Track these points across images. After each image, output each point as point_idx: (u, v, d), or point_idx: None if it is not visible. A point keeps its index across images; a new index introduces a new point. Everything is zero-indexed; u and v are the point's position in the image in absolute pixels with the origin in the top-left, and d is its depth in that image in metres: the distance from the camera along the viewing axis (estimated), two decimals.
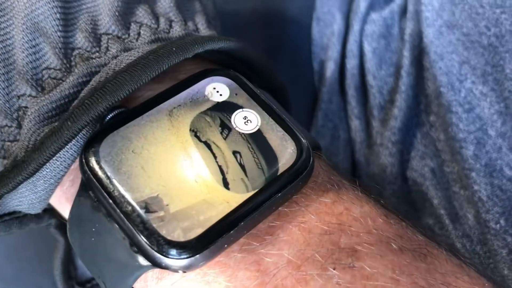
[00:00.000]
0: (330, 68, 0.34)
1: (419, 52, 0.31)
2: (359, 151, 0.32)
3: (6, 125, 0.22)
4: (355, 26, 0.34)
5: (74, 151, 0.21)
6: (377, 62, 0.32)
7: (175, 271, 0.18)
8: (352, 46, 0.33)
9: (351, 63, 0.33)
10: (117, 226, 0.18)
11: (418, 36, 0.31)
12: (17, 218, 0.24)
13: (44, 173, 0.21)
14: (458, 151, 0.27)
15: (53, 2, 0.23)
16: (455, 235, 0.27)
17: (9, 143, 0.22)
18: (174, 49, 0.20)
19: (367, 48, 0.32)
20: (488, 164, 0.26)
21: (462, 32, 0.29)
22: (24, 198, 0.21)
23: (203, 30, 0.25)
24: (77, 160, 0.21)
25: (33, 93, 0.22)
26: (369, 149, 0.31)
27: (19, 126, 0.22)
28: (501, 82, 0.27)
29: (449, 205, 0.27)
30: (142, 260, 0.18)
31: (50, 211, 0.25)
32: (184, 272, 0.18)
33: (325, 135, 0.33)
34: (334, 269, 0.18)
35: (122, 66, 0.21)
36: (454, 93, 0.28)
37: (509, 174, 0.26)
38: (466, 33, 0.28)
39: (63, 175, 0.21)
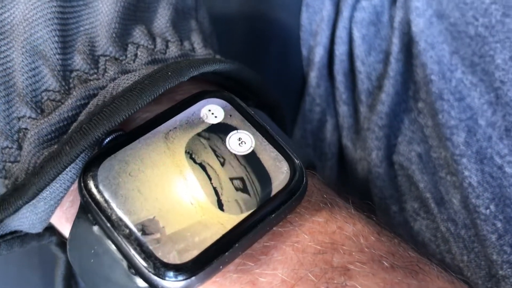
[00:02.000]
0: (319, 54, 0.34)
1: (409, 40, 0.31)
2: (346, 136, 0.32)
3: (7, 147, 0.22)
4: (345, 13, 0.34)
5: (74, 174, 0.21)
6: (366, 49, 0.32)
7: None
8: (341, 32, 0.33)
9: (340, 49, 0.33)
10: (115, 248, 0.19)
11: (408, 24, 0.31)
12: (18, 237, 0.24)
13: (44, 195, 0.21)
14: (449, 137, 0.27)
15: (52, 25, 0.23)
16: (440, 218, 0.27)
17: (10, 164, 0.22)
18: (169, 73, 0.21)
19: (357, 35, 0.33)
20: (479, 152, 0.26)
21: (450, 22, 0.29)
22: (25, 219, 0.22)
23: (199, 49, 0.26)
24: (76, 182, 0.21)
25: (33, 115, 0.22)
26: (357, 134, 0.32)
27: (20, 147, 0.22)
28: (490, 72, 0.27)
29: (435, 189, 0.28)
30: (140, 282, 0.18)
31: (51, 229, 0.26)
32: None
33: (312, 119, 0.33)
34: None
35: (119, 90, 0.21)
36: (445, 81, 0.28)
37: (499, 163, 0.26)
38: (453, 23, 0.29)
39: (62, 197, 0.22)
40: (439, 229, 0.27)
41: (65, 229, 0.23)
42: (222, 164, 0.20)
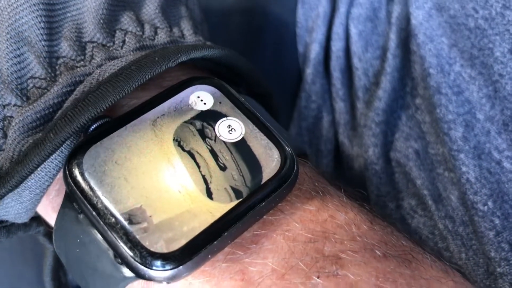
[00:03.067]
0: (315, 50, 0.34)
1: (406, 36, 0.31)
2: (343, 133, 0.32)
3: None
4: (341, 9, 0.34)
5: (59, 162, 0.21)
6: (363, 45, 0.32)
7: (159, 282, 0.18)
8: (338, 28, 0.33)
9: (337, 46, 0.33)
10: (101, 237, 0.18)
11: (405, 19, 0.31)
12: (4, 227, 0.24)
13: (29, 184, 0.21)
14: (446, 132, 0.27)
15: (38, 11, 0.23)
16: (438, 216, 0.27)
17: None
18: (157, 58, 0.20)
19: (353, 31, 0.32)
20: (477, 147, 0.26)
21: (449, 14, 0.29)
22: (10, 209, 0.21)
23: (189, 36, 0.25)
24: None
25: (18, 103, 0.22)
26: (353, 131, 0.31)
27: (5, 136, 0.22)
28: (489, 65, 0.27)
29: (432, 186, 0.27)
30: (126, 272, 0.18)
31: (38, 219, 0.25)
32: (168, 283, 0.18)
33: (307, 116, 0.33)
34: (318, 278, 0.18)
35: (105, 76, 0.21)
36: (443, 75, 0.28)
37: (498, 158, 0.26)
38: (453, 15, 0.28)
39: (48, 185, 0.21)
40: (436, 226, 0.27)
41: (52, 219, 0.23)
42: (211, 152, 0.20)
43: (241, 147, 0.20)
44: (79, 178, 0.19)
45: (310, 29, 0.35)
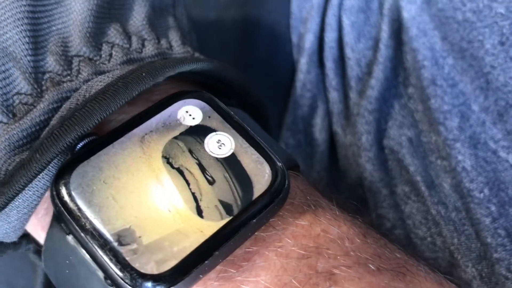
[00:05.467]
0: (309, 40, 0.34)
1: (398, 26, 0.31)
2: (336, 122, 0.32)
3: None
4: (334, 0, 0.34)
5: (47, 181, 0.20)
6: (356, 36, 0.32)
7: None
8: (330, 19, 0.33)
9: (330, 36, 0.33)
10: (90, 258, 0.18)
11: (397, 10, 0.31)
12: None
13: (16, 203, 0.20)
14: (442, 122, 0.27)
15: (22, 25, 0.22)
16: (431, 201, 0.27)
17: None
18: (143, 74, 0.20)
19: (346, 22, 0.32)
20: (473, 137, 0.26)
21: (438, 8, 0.29)
22: None
23: (177, 47, 0.25)
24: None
25: (4, 120, 0.21)
26: (347, 120, 0.31)
27: None
28: (480, 57, 0.27)
29: (425, 173, 0.28)
30: None
31: (27, 236, 0.25)
32: None
33: (303, 105, 0.33)
34: None
35: (92, 92, 0.20)
36: (438, 68, 0.28)
37: (493, 147, 0.26)
38: (441, 9, 0.28)
39: (36, 205, 0.21)
40: (429, 212, 0.27)
41: (41, 238, 0.23)
42: (201, 168, 0.20)
43: (231, 162, 0.20)
44: (66, 198, 0.18)
45: (304, 19, 0.35)
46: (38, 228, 0.22)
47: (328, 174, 0.32)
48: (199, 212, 0.19)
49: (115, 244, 0.18)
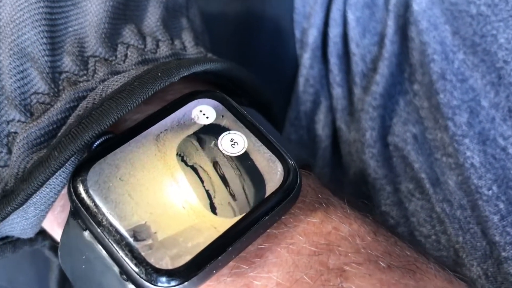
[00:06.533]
0: (313, 35, 0.34)
1: (404, 22, 0.31)
2: (340, 118, 0.32)
3: None
4: None
5: (63, 178, 0.21)
6: (361, 31, 0.32)
7: None
8: (335, 14, 0.33)
9: (334, 32, 0.33)
10: (106, 254, 0.19)
11: (404, 6, 0.31)
12: (10, 242, 0.24)
13: (34, 200, 0.21)
14: (451, 117, 0.27)
15: (40, 26, 0.23)
16: (436, 199, 0.27)
17: (0, 168, 0.22)
18: (159, 74, 0.20)
19: (351, 17, 0.32)
20: (482, 133, 0.26)
21: (450, 2, 0.29)
22: (15, 225, 0.21)
23: (190, 48, 0.25)
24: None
25: (22, 119, 0.22)
26: (351, 116, 0.31)
27: (9, 152, 0.22)
28: (492, 52, 0.27)
29: (430, 170, 0.27)
30: None
31: (43, 233, 0.25)
32: None
33: (306, 100, 0.33)
34: None
35: (108, 92, 0.21)
36: (447, 62, 0.28)
37: (503, 144, 0.26)
38: (454, 2, 0.28)
39: (53, 201, 0.21)
40: (434, 209, 0.27)
41: (57, 234, 0.23)
42: (215, 166, 0.20)
43: (244, 160, 0.20)
44: (83, 195, 0.19)
45: (308, 14, 0.35)
46: (54, 224, 0.23)
47: (331, 171, 0.32)
48: (213, 209, 0.19)
49: (131, 239, 0.18)
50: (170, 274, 0.17)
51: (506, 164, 0.26)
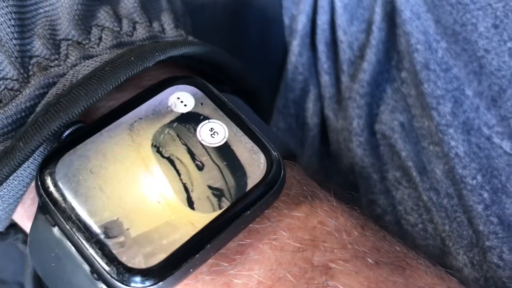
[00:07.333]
0: (302, 22, 0.33)
1: (392, 9, 0.30)
2: (328, 106, 0.31)
3: None
4: None
5: (32, 169, 0.20)
6: (348, 18, 0.31)
7: None
8: (322, 1, 0.33)
9: (322, 19, 0.32)
10: (76, 251, 0.17)
11: None
12: None
13: (1, 193, 0.20)
14: (435, 107, 0.26)
15: (7, 7, 0.21)
16: (422, 187, 0.26)
17: None
18: (132, 58, 0.19)
19: (338, 4, 0.32)
20: (466, 123, 0.26)
21: None
22: None
23: (170, 30, 0.24)
24: None
25: None
26: (338, 105, 0.31)
27: None
28: (473, 41, 0.26)
29: (417, 158, 0.27)
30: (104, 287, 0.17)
31: (15, 226, 0.24)
32: None
33: (294, 88, 0.32)
34: None
35: (79, 77, 0.20)
36: (431, 52, 0.27)
37: (487, 133, 0.25)
38: None
39: (22, 194, 0.20)
40: (421, 198, 0.27)
41: (28, 228, 0.22)
42: (193, 158, 0.19)
43: (225, 151, 0.19)
44: (52, 188, 0.18)
45: (297, 1, 0.34)
46: (24, 218, 0.22)
47: (319, 159, 0.31)
48: (190, 204, 0.18)
49: (102, 236, 0.17)
50: (144, 273, 0.16)
51: (491, 153, 0.25)
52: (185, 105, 0.20)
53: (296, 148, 0.31)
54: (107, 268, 0.16)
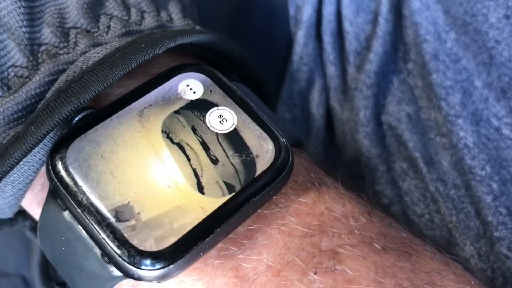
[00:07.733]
0: (307, 12, 0.33)
1: (398, 0, 0.30)
2: (333, 97, 0.31)
3: None
4: None
5: (42, 155, 0.20)
6: (354, 9, 0.31)
7: (149, 281, 0.17)
8: None
9: (328, 10, 0.32)
10: (87, 235, 0.18)
11: None
12: None
13: (11, 178, 0.20)
14: (444, 98, 0.26)
15: None
16: (429, 178, 0.27)
17: None
18: (143, 45, 0.19)
19: None
20: (475, 113, 0.26)
21: None
22: None
23: (177, 20, 0.24)
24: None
25: None
26: (344, 96, 0.31)
27: None
28: (483, 32, 0.26)
29: (424, 149, 0.27)
30: (114, 271, 0.17)
31: (24, 213, 0.24)
32: (159, 282, 0.17)
33: (299, 79, 0.32)
34: (315, 274, 0.18)
35: (89, 64, 0.20)
36: (440, 43, 0.27)
37: (496, 124, 0.25)
38: None
39: (32, 180, 0.20)
40: (428, 189, 0.27)
41: (37, 214, 0.22)
42: (202, 144, 0.19)
43: (234, 138, 0.19)
44: (62, 173, 0.18)
45: None
46: (34, 204, 0.22)
47: (325, 150, 0.31)
48: (200, 189, 0.18)
49: (113, 220, 0.17)
50: (155, 256, 0.17)
51: (500, 144, 0.25)
52: (194, 92, 0.20)
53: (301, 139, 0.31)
54: (118, 251, 0.17)
